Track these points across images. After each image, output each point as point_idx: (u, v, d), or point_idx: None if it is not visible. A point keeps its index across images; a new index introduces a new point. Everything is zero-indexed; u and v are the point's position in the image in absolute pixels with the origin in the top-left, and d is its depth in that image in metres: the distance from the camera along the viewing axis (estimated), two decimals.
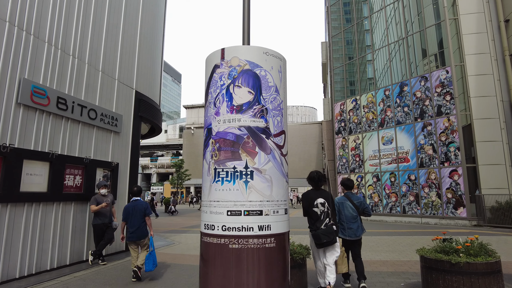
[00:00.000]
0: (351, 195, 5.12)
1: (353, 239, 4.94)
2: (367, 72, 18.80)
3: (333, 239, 4.38)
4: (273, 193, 3.10)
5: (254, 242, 2.95)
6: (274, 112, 3.29)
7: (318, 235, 4.36)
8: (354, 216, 4.97)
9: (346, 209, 4.98)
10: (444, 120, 14.03)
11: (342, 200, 5.07)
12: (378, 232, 11.95)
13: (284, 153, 3.40)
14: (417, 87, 15.28)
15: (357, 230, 4.95)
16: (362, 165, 17.58)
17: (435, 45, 15.33)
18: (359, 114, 18.08)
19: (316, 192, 4.62)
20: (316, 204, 4.48)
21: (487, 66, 14.03)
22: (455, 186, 13.38)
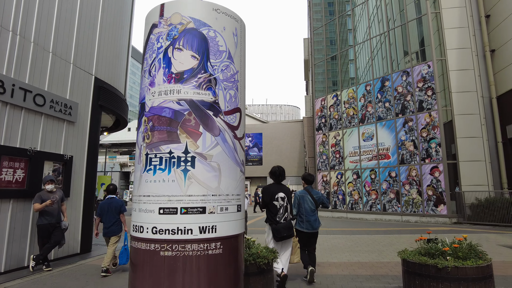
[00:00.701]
0: (311, 189, 5.33)
1: (311, 231, 5.11)
2: (349, 67, 18.39)
3: (291, 233, 4.63)
4: (221, 185, 2.43)
5: (193, 248, 2.27)
6: (226, 84, 2.61)
7: (278, 229, 4.52)
8: (312, 209, 5.15)
9: (306, 203, 5.15)
10: (425, 115, 13.71)
11: (303, 193, 5.25)
12: (357, 230, 11.47)
13: (239, 135, 2.72)
14: (398, 82, 14.92)
15: (314, 223, 5.12)
16: (342, 162, 17.14)
17: (417, 39, 15.01)
18: (340, 110, 17.63)
19: (277, 187, 4.76)
20: (277, 198, 4.63)
21: (468, 61, 13.78)
22: (436, 183, 13.08)
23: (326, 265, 6.32)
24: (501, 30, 14.00)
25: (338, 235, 10.21)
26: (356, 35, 18.17)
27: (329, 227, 12.70)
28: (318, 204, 5.22)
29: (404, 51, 15.25)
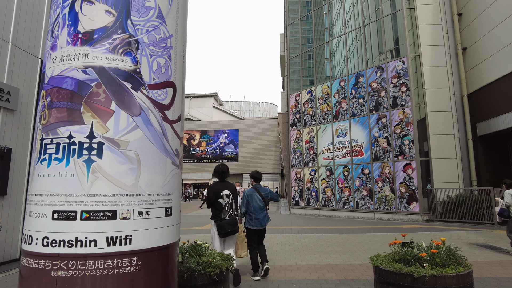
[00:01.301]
0: (259, 187, 5.44)
1: (259, 228, 5.22)
2: (324, 63, 18.08)
3: (236, 229, 4.72)
4: (140, 181, 1.84)
5: (97, 266, 1.67)
6: (152, 49, 2.01)
7: (222, 225, 4.63)
8: (261, 207, 5.26)
9: (254, 201, 5.25)
10: (399, 112, 13.56)
11: (251, 192, 5.32)
12: (330, 229, 11.13)
13: (172, 117, 2.12)
14: (373, 77, 14.72)
15: (263, 220, 5.23)
16: (316, 158, 16.83)
17: (392, 35, 14.85)
18: (314, 105, 17.30)
19: (222, 184, 4.85)
20: (222, 196, 4.70)
21: (441, 58, 13.74)
22: (409, 180, 12.96)
23: (295, 268, 5.83)
24: (473, 28, 14.05)
25: (310, 234, 9.80)
26: (332, 31, 17.87)
27: (301, 225, 12.32)
28: (267, 201, 5.39)
29: (379, 47, 15.06)
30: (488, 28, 13.20)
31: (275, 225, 12.40)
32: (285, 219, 14.89)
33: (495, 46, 12.86)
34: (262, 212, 5.26)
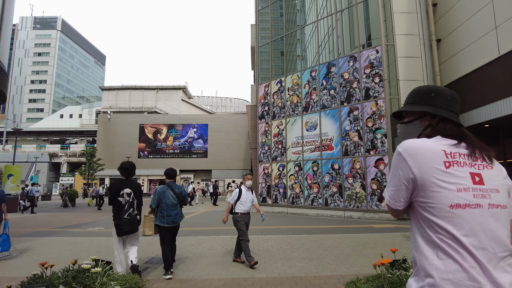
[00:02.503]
0: (173, 184, 5.40)
1: (171, 225, 5.18)
2: (295, 51, 17.09)
3: (134, 228, 4.70)
4: None
5: None
6: None
7: (120, 224, 4.59)
8: (174, 204, 5.21)
9: (167, 198, 5.16)
10: (371, 104, 12.79)
11: (164, 189, 5.24)
12: (296, 229, 10.12)
13: None
14: (345, 67, 13.87)
15: (175, 217, 5.20)
16: (284, 153, 15.85)
17: (366, 22, 14.06)
18: (284, 97, 16.28)
19: (125, 182, 4.77)
20: (122, 194, 4.62)
21: (416, 48, 13.11)
22: (381, 176, 12.23)
23: (249, 283, 4.71)
24: (447, 19, 13.51)
25: (274, 236, 8.74)
26: (303, 18, 16.89)
27: (267, 224, 11.25)
28: (181, 198, 5.33)
29: (352, 35, 14.24)
30: (462, 19, 12.68)
31: None
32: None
33: (469, 37, 12.35)
34: (176, 209, 5.24)
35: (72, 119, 66.98)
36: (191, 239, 8.50)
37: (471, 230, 1.10)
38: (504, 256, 1.10)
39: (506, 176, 1.24)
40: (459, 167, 1.18)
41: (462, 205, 1.13)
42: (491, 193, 1.16)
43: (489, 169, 1.21)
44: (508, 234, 1.15)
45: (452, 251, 1.09)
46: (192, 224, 11.75)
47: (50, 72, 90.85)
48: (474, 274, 1.06)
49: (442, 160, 1.18)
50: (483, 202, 1.13)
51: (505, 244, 1.12)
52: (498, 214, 1.14)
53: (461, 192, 1.14)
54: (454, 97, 1.34)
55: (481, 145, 1.25)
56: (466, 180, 1.16)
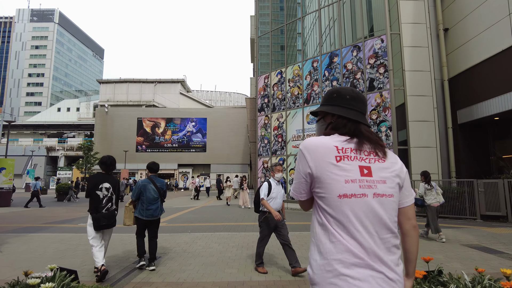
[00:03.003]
0: (155, 178, 5.33)
1: (150, 219, 5.13)
2: (296, 41, 16.51)
3: (112, 223, 4.73)
4: None
5: None
6: None
7: (98, 218, 4.60)
8: (155, 198, 5.17)
9: (148, 192, 5.13)
10: (376, 95, 12.25)
11: (145, 182, 5.21)
12: (297, 225, 9.64)
13: None
14: (348, 57, 13.31)
15: (155, 211, 5.16)
16: (284, 146, 15.33)
17: (370, 11, 13.48)
18: (284, 88, 15.73)
19: (104, 176, 4.80)
20: (101, 188, 4.64)
21: (422, 38, 12.53)
22: None
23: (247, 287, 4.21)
24: (456, 7, 12.94)
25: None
26: (305, 6, 16.26)
27: (255, 221, 10.77)
28: (162, 192, 5.29)
29: (356, 24, 13.66)
30: (472, 7, 12.11)
31: (236, 221, 10.78)
32: (245, 213, 13.32)
33: (479, 26, 11.80)
34: (156, 203, 5.21)
35: (70, 113, 66.34)
36: (186, 236, 8.02)
37: (356, 216, 1.23)
38: (387, 238, 1.24)
39: (401, 168, 1.35)
40: (349, 161, 1.29)
41: (348, 195, 1.25)
42: (377, 184, 1.28)
43: (380, 162, 1.31)
44: (392, 219, 1.28)
45: (340, 235, 1.23)
46: (188, 220, 11.27)
47: (48, 65, 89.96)
48: (358, 253, 1.19)
49: (333, 155, 1.29)
50: (368, 192, 1.26)
51: (388, 228, 1.25)
52: (383, 202, 1.27)
53: (349, 183, 1.25)
54: (355, 96, 1.43)
55: (375, 140, 1.35)
56: (354, 173, 1.27)
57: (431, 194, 7.33)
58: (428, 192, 7.35)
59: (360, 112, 1.42)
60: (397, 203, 1.33)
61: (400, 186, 1.34)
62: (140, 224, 5.16)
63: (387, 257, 1.22)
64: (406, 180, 1.37)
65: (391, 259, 1.23)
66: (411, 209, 1.39)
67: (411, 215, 1.38)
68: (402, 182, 1.35)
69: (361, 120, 1.39)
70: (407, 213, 1.38)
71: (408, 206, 1.38)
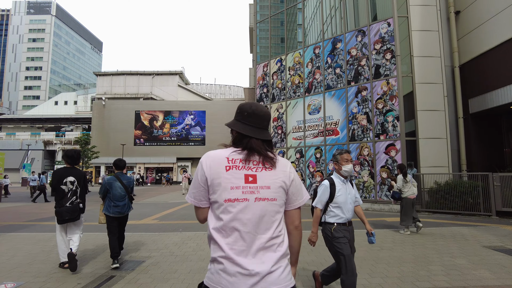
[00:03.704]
0: (121, 175, 5.26)
1: (118, 216, 5.07)
2: (296, 27, 15.64)
3: (76, 216, 4.70)
4: None
5: None
6: None
7: (60, 212, 4.63)
8: (122, 195, 5.12)
9: (115, 189, 5.08)
10: (382, 83, 11.45)
11: (111, 180, 5.15)
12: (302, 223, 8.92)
13: None
14: (352, 43, 12.48)
15: (123, 208, 5.10)
16: (284, 138, 14.57)
17: None
18: (284, 77, 14.91)
19: (68, 170, 4.78)
20: (65, 182, 4.65)
21: (432, 21, 11.68)
22: (392, 164, 10.98)
23: None
24: None
25: None
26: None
27: None
28: (130, 189, 5.25)
29: (360, 7, 12.79)
30: None
31: None
32: None
33: (494, 7, 10.96)
34: (123, 200, 5.14)
35: (67, 106, 65.44)
36: (176, 235, 7.30)
37: (238, 218, 1.43)
38: (263, 239, 1.43)
39: (288, 176, 1.54)
40: (236, 170, 1.48)
41: (232, 199, 1.45)
42: (261, 189, 1.47)
43: (267, 171, 1.51)
44: (272, 220, 1.47)
45: (226, 234, 1.43)
46: (181, 217, 10.56)
47: (46, 58, 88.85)
48: (239, 249, 1.41)
49: (224, 165, 1.49)
50: (250, 197, 1.45)
51: (266, 228, 1.45)
52: (264, 206, 1.46)
53: (233, 190, 1.45)
54: (251, 113, 1.58)
55: (264, 153, 1.53)
56: (239, 180, 1.47)
57: (407, 187, 7.39)
58: (405, 185, 7.40)
59: (255, 127, 1.56)
60: (281, 206, 1.52)
61: (285, 191, 1.53)
62: (110, 221, 5.07)
63: (263, 254, 1.42)
64: (293, 186, 1.55)
65: (269, 255, 1.43)
66: (296, 213, 1.58)
67: (295, 218, 1.59)
68: (287, 188, 1.53)
69: (253, 135, 1.54)
70: (292, 215, 1.58)
71: (293, 209, 1.57)
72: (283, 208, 1.54)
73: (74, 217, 4.68)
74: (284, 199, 1.53)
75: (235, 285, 1.36)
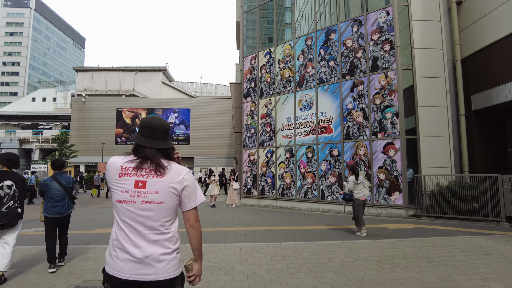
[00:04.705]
0: (59, 175, 5.13)
1: (56, 216, 4.97)
2: (286, 16, 14.61)
3: (12, 221, 4.45)
4: None
5: None
6: None
7: None
8: (61, 195, 5.00)
9: (52, 190, 4.95)
10: (380, 77, 10.54)
11: (48, 181, 5.02)
12: (290, 231, 7.85)
13: None
14: (347, 33, 11.53)
15: (62, 208, 4.99)
16: (273, 136, 13.52)
17: None
18: (274, 71, 13.86)
19: (6, 174, 4.56)
20: (2, 186, 4.47)
21: (434, 10, 10.84)
22: (391, 164, 10.08)
23: None
24: None
25: (262, 244, 6.44)
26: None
27: (252, 224, 8.97)
28: (69, 190, 5.12)
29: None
30: None
31: (216, 225, 8.92)
32: (233, 213, 11.50)
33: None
34: (63, 200, 4.99)
35: (46, 103, 62.74)
36: None
37: (126, 216, 1.72)
38: (148, 234, 1.70)
39: (180, 182, 1.77)
40: (128, 176, 1.75)
41: (121, 201, 1.73)
42: (148, 193, 1.72)
43: (157, 177, 1.74)
44: (158, 219, 1.72)
45: (117, 228, 1.75)
46: None
47: (24, 53, 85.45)
48: (122, 242, 1.70)
49: (118, 172, 1.77)
50: (137, 200, 1.71)
51: (150, 226, 1.71)
52: (151, 207, 1.71)
53: (123, 193, 1.73)
54: (146, 126, 1.84)
55: (156, 162, 1.77)
56: (129, 185, 1.73)
57: (359, 188, 7.34)
58: (356, 186, 7.33)
59: (150, 138, 1.82)
60: (169, 208, 1.76)
61: (176, 195, 1.78)
62: (48, 223, 4.93)
63: (146, 246, 1.69)
64: (185, 190, 1.80)
65: (152, 248, 1.70)
66: (190, 213, 1.83)
67: (190, 218, 1.83)
68: (178, 192, 1.78)
69: (147, 145, 1.80)
70: (187, 216, 1.83)
71: (187, 211, 1.83)
72: (173, 210, 1.79)
73: (10, 222, 4.41)
74: (174, 202, 1.78)
75: (123, 268, 1.68)
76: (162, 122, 1.86)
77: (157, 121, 1.85)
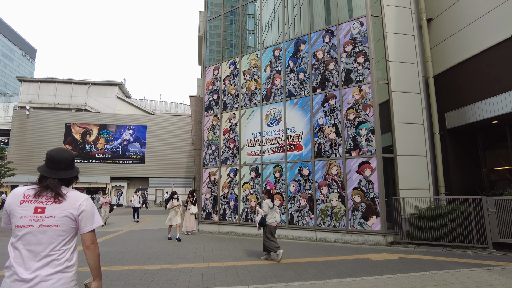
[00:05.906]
0: None
1: None
2: (248, 23, 13.69)
3: None
4: None
5: None
6: None
7: None
8: None
9: None
10: (354, 90, 9.75)
11: None
12: (258, 267, 6.48)
13: None
14: (318, 44, 10.76)
15: None
16: (237, 154, 12.22)
17: None
18: (238, 82, 12.73)
19: None
20: None
21: (407, 24, 10.41)
22: (366, 185, 9.15)
23: None
24: None
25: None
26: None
27: (209, 259, 7.46)
28: None
29: (328, 3, 11.22)
30: None
31: (166, 261, 7.31)
32: (188, 243, 9.89)
33: (469, 15, 9.96)
34: None
35: None
36: None
37: (24, 239, 1.88)
38: (44, 255, 1.88)
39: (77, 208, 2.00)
40: (29, 203, 1.94)
41: (20, 226, 1.90)
42: (46, 218, 1.92)
43: (56, 204, 1.96)
44: (54, 242, 1.91)
45: (13, 251, 1.90)
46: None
47: None
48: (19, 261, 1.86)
49: (19, 199, 1.95)
50: (35, 224, 1.89)
51: (46, 248, 1.89)
52: (46, 231, 1.90)
53: (23, 218, 1.91)
54: (50, 158, 2.07)
55: (56, 191, 1.98)
56: (29, 211, 1.92)
57: (271, 213, 7.23)
58: (269, 211, 7.20)
59: (51, 168, 2.05)
60: (64, 231, 1.95)
61: (72, 219, 1.98)
62: None
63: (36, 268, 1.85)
64: (82, 215, 2.01)
65: (45, 268, 1.86)
66: (87, 236, 2.02)
67: (86, 240, 2.02)
68: (75, 217, 1.99)
69: (49, 175, 2.02)
70: (84, 238, 2.02)
71: (83, 233, 2.02)
72: (69, 233, 1.98)
73: None
74: (71, 225, 1.98)
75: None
76: (65, 154, 2.12)
77: (61, 154, 2.10)
